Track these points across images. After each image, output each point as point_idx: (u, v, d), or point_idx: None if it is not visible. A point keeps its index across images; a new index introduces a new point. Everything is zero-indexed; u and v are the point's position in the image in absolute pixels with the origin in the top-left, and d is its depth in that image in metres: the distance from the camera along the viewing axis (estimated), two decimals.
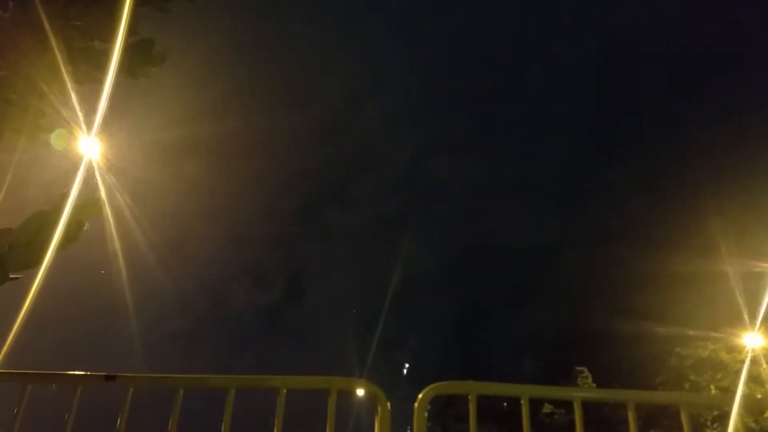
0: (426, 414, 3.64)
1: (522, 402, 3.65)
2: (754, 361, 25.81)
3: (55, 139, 3.69)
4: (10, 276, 3.59)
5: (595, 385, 36.70)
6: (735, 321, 27.34)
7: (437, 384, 3.70)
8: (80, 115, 3.71)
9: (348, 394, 3.75)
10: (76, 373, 3.70)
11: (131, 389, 3.63)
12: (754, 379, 27.00)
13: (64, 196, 3.46)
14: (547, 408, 37.62)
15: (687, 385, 30.00)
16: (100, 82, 3.73)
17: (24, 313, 3.69)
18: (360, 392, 3.83)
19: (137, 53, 3.84)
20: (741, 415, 3.70)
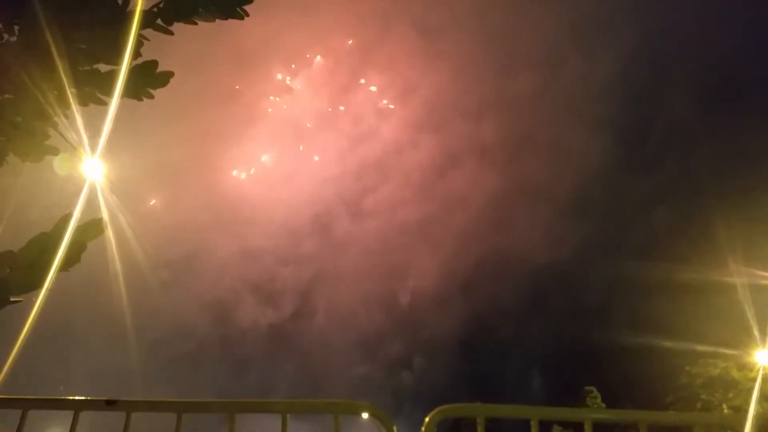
0: None
1: (531, 424, 3.57)
2: (766, 379, 25.35)
3: (59, 163, 3.69)
4: (11, 299, 3.55)
5: (604, 405, 36.12)
6: (745, 335, 26.93)
7: (445, 407, 3.62)
8: (84, 137, 3.71)
9: (352, 417, 3.67)
10: (77, 398, 3.65)
11: (132, 414, 3.57)
12: (766, 397, 26.49)
13: (66, 218, 3.43)
14: (556, 430, 37.00)
15: (698, 405, 29.44)
16: (104, 104, 3.74)
17: (24, 336, 3.64)
18: (364, 416, 3.74)
19: (141, 75, 3.86)
20: None
